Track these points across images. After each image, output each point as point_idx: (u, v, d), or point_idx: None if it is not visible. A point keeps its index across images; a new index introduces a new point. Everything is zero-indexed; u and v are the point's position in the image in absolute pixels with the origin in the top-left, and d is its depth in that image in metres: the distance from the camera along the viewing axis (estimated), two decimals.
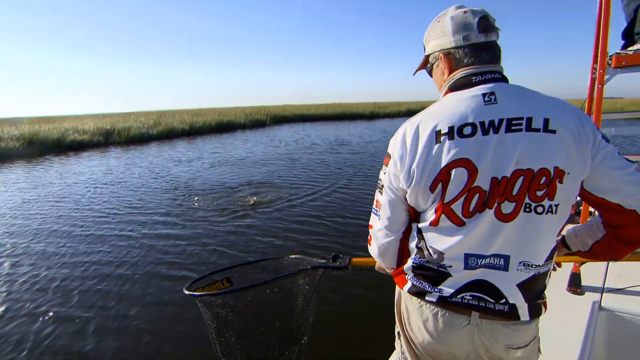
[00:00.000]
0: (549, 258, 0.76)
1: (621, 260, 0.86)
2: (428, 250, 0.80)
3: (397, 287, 0.92)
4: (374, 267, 1.08)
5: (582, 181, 0.74)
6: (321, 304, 2.81)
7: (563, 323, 1.41)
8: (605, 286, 1.60)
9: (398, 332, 0.97)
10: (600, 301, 1.51)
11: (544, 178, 0.69)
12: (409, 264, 0.85)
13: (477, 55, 0.78)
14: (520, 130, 0.70)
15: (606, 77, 1.58)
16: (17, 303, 3.07)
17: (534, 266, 0.75)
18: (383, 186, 0.85)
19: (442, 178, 0.73)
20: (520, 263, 0.74)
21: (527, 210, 0.72)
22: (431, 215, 0.78)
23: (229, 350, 1.17)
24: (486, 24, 0.76)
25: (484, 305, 0.76)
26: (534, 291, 0.77)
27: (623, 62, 1.55)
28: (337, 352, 2.37)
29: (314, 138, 15.88)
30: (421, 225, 0.81)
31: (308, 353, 1.27)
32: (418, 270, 0.84)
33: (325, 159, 9.91)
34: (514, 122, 0.70)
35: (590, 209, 1.72)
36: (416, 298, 0.84)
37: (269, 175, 7.91)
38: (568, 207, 0.74)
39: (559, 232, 0.77)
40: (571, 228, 0.91)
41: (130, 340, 2.56)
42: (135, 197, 6.42)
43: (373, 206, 0.92)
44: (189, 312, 2.78)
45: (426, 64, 0.89)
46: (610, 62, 1.58)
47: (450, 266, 0.78)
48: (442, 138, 0.72)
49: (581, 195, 0.77)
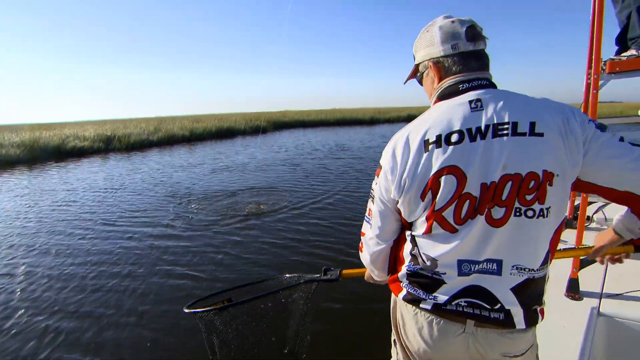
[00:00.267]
0: (545, 262, 0.76)
1: None
2: (422, 257, 0.81)
3: (393, 295, 0.92)
4: (364, 278, 1.10)
5: (585, 175, 0.72)
6: (323, 304, 2.80)
7: (561, 329, 1.41)
8: (603, 291, 1.59)
9: (394, 340, 0.97)
10: (598, 307, 1.50)
11: (533, 182, 0.70)
12: (404, 272, 0.86)
13: (466, 63, 0.79)
14: (506, 135, 0.70)
15: (600, 83, 1.58)
16: (34, 303, 3.14)
17: (528, 270, 0.74)
18: (374, 196, 0.87)
19: (432, 186, 0.74)
20: (513, 267, 0.74)
21: (518, 214, 0.72)
22: (423, 223, 0.78)
23: None
24: (474, 33, 0.77)
25: (479, 313, 0.76)
26: (530, 296, 0.76)
27: (617, 68, 1.56)
28: (338, 352, 2.34)
29: (315, 143, 15.86)
30: (414, 232, 0.82)
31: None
32: (412, 277, 0.84)
33: (326, 164, 9.90)
34: (500, 128, 0.70)
35: (587, 214, 1.72)
36: (411, 306, 0.84)
37: (271, 180, 7.89)
38: (561, 210, 0.74)
39: (554, 235, 0.76)
40: (618, 217, 0.87)
41: (141, 338, 2.59)
42: (138, 203, 6.43)
43: (366, 214, 0.93)
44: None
45: (416, 73, 0.91)
46: (604, 68, 1.59)
47: (444, 273, 0.78)
48: (431, 146, 0.74)
49: (590, 189, 0.75)
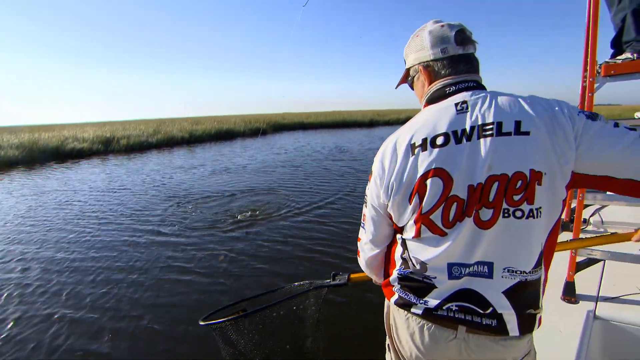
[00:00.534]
0: (538, 264, 0.73)
1: None
2: (411, 260, 0.80)
3: (386, 299, 0.91)
4: (372, 281, 1.08)
5: (583, 168, 0.69)
6: (326, 304, 2.80)
7: (557, 333, 1.40)
8: (599, 295, 1.59)
9: (388, 345, 0.96)
10: (594, 310, 1.49)
11: (520, 182, 0.68)
12: (395, 275, 0.85)
13: (455, 66, 0.79)
14: (491, 135, 0.69)
15: (596, 86, 1.59)
16: (32, 306, 3.08)
17: (520, 272, 0.72)
18: (367, 202, 0.87)
19: (419, 189, 0.73)
20: (504, 269, 0.72)
21: (506, 215, 0.70)
22: (412, 226, 0.78)
23: None
24: (463, 37, 0.78)
25: (471, 319, 0.74)
26: (523, 299, 0.74)
27: (612, 71, 1.56)
28: (338, 352, 2.34)
29: (315, 145, 15.87)
30: (405, 236, 0.81)
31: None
32: (403, 281, 0.83)
33: (327, 166, 9.91)
34: (485, 128, 0.70)
35: (584, 217, 1.71)
36: (403, 310, 0.83)
37: (272, 182, 7.88)
38: (553, 210, 0.71)
39: (549, 237, 0.73)
40: None
41: (143, 342, 2.56)
42: (138, 204, 6.40)
43: (361, 219, 0.93)
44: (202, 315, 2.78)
45: (407, 78, 0.91)
46: (599, 71, 1.59)
47: (434, 277, 0.77)
48: (417, 150, 0.74)
49: (590, 182, 0.71)
